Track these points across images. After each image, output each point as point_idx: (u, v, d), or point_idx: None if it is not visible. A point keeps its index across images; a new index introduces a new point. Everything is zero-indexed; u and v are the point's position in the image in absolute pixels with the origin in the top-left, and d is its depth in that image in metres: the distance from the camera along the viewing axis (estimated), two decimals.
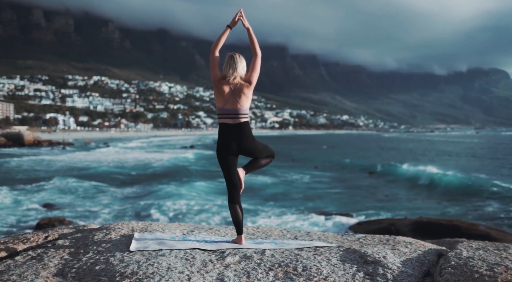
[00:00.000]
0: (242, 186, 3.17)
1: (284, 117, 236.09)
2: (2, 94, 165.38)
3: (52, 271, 2.60)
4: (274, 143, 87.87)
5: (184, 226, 3.81)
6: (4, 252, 3.08)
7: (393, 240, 3.36)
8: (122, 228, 3.57)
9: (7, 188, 20.94)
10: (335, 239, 3.38)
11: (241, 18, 3.19)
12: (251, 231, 3.69)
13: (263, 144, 3.24)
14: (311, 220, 14.66)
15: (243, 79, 3.15)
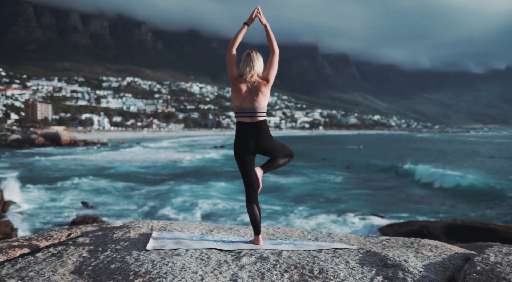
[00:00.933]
0: (260, 186, 3.13)
1: (314, 117, 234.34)
2: (42, 96, 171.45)
3: (69, 269, 2.64)
4: (304, 143, 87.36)
5: (204, 225, 3.80)
6: (27, 249, 3.13)
7: (418, 243, 3.23)
8: (142, 226, 3.58)
9: (45, 185, 21.74)
10: (357, 241, 3.29)
11: (258, 15, 3.14)
12: (271, 231, 3.64)
13: (281, 143, 3.19)
14: (341, 221, 14.50)
15: (261, 77, 3.10)
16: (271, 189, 21.69)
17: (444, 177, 24.30)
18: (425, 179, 25.24)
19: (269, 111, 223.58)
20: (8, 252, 3.04)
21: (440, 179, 24.05)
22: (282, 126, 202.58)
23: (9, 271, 2.64)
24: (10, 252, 3.05)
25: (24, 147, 60.64)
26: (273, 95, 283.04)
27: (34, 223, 14.32)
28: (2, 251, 3.04)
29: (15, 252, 3.07)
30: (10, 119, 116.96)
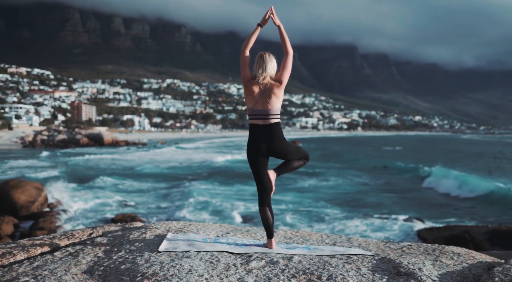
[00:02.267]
0: (272, 189, 3.10)
1: (352, 118, 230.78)
2: (86, 98, 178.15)
3: (82, 268, 2.68)
4: (341, 144, 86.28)
5: (223, 227, 3.81)
6: (48, 247, 3.21)
7: (440, 250, 3.12)
8: (159, 227, 3.61)
9: (87, 184, 22.61)
10: (376, 247, 3.22)
11: (272, 16, 3.11)
12: (289, 235, 3.60)
13: (295, 146, 3.14)
14: (376, 225, 14.19)
15: (274, 78, 3.06)
16: (307, 190, 21.59)
17: (479, 184, 23.29)
18: (453, 184, 24.18)
19: (307, 112, 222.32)
20: (29, 250, 3.11)
21: (474, 185, 23.07)
22: (320, 127, 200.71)
23: (26, 269, 2.71)
24: (31, 250, 3.12)
25: (69, 147, 63.25)
26: (311, 96, 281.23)
27: (76, 221, 14.88)
28: (24, 249, 3.12)
29: (35, 250, 3.13)
30: (57, 120, 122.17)
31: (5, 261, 2.92)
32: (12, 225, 13.16)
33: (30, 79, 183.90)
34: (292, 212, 16.21)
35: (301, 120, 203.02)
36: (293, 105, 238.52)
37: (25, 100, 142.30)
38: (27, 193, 15.61)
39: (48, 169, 30.50)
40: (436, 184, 24.61)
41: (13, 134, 74.44)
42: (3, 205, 14.84)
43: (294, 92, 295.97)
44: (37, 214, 14.55)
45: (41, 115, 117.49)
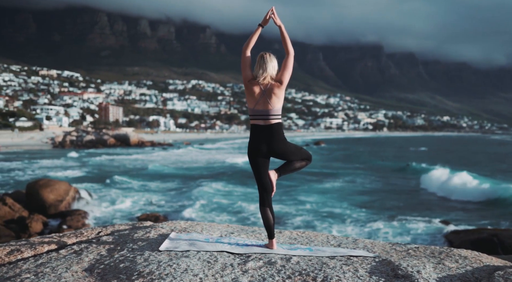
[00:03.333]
0: (273, 189, 3.08)
1: (378, 119, 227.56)
2: (113, 99, 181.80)
3: (83, 266, 2.73)
4: (365, 144, 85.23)
5: (229, 227, 3.83)
6: (55, 245, 3.28)
7: (447, 253, 3.07)
8: (164, 227, 3.64)
9: (113, 184, 23.11)
10: (381, 248, 3.18)
11: (272, 16, 3.10)
12: (294, 235, 3.59)
13: (297, 146, 3.13)
14: (400, 227, 13.96)
15: (274, 79, 3.05)
16: (331, 191, 21.43)
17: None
18: (482, 186, 23.48)
19: (332, 113, 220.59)
20: (37, 248, 3.17)
21: (503, 190, 22.35)
22: (345, 128, 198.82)
23: (30, 266, 2.77)
24: (38, 247, 3.18)
25: (97, 147, 64.78)
26: (336, 96, 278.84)
27: (101, 219, 15.23)
28: (32, 247, 3.19)
29: (42, 248, 3.20)
30: (85, 121, 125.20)
31: (13, 258, 2.99)
32: (41, 223, 13.59)
33: (60, 81, 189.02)
34: (314, 213, 16.16)
35: (325, 120, 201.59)
36: (318, 106, 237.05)
37: (56, 101, 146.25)
38: (55, 192, 16.09)
39: (76, 168, 31.33)
40: (463, 186, 24.06)
41: (44, 135, 76.77)
42: (33, 204, 15.36)
43: (319, 92, 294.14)
44: (64, 213, 14.92)
45: (70, 117, 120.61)
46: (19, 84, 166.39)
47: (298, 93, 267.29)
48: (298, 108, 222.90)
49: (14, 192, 17.25)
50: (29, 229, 12.98)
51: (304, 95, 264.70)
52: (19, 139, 68.13)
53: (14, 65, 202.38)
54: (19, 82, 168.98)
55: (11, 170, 30.19)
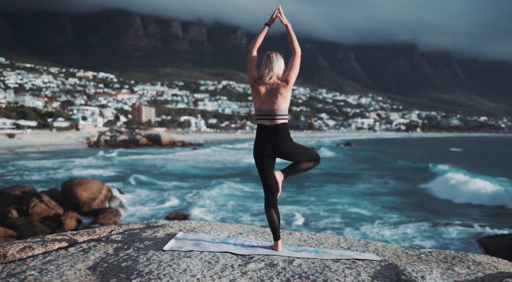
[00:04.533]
0: (279, 190, 3.03)
1: (411, 119, 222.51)
2: (146, 100, 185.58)
3: (88, 264, 2.75)
4: (397, 145, 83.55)
5: (240, 227, 3.80)
6: (66, 243, 3.32)
7: (461, 258, 2.94)
8: (173, 226, 3.65)
9: (145, 182, 23.65)
10: (392, 252, 3.09)
11: (279, 15, 3.07)
12: (305, 237, 3.54)
13: (304, 147, 3.07)
14: (431, 232, 13.60)
15: (280, 78, 3.01)
16: (363, 193, 21.15)
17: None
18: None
19: (363, 113, 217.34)
20: (48, 245, 3.22)
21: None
22: (376, 128, 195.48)
23: (37, 263, 2.82)
24: (49, 245, 3.23)
25: (129, 147, 66.39)
26: (367, 96, 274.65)
27: (132, 217, 15.58)
28: (44, 244, 3.24)
29: (53, 245, 3.24)
30: (119, 122, 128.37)
31: (24, 255, 3.04)
32: (75, 221, 14.03)
33: (96, 82, 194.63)
34: (342, 214, 16.01)
35: (356, 121, 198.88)
36: (349, 106, 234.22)
37: (91, 102, 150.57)
38: (89, 190, 16.58)
39: (109, 167, 32.23)
40: (498, 189, 23.27)
41: (80, 135, 79.25)
42: (67, 201, 15.89)
43: (350, 92, 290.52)
44: (97, 211, 15.33)
45: (105, 117, 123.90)
46: (57, 86, 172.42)
47: (329, 93, 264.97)
48: (329, 108, 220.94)
49: (50, 190, 17.91)
50: (64, 225, 13.41)
51: (335, 95, 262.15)
52: (57, 139, 70.63)
53: (53, 68, 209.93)
54: (57, 84, 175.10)
55: (48, 168, 31.38)
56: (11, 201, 16.16)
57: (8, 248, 3.14)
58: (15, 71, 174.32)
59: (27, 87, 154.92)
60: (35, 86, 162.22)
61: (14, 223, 13.25)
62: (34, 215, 14.15)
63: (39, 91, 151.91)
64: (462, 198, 20.14)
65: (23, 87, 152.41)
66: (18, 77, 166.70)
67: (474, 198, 20.03)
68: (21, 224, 13.12)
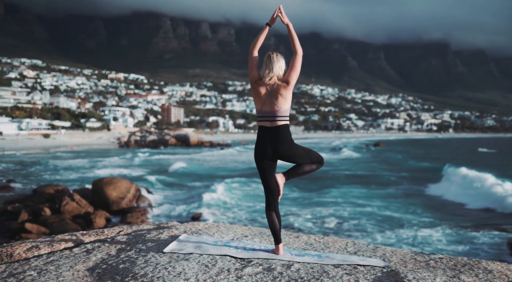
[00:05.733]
0: (280, 193, 2.98)
1: (443, 119, 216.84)
2: (175, 100, 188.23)
3: (88, 265, 2.76)
4: (427, 146, 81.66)
5: (249, 229, 3.77)
6: (72, 243, 3.34)
7: (472, 265, 2.83)
8: (179, 228, 3.64)
9: (174, 182, 23.98)
10: (399, 258, 2.99)
11: (280, 15, 3.02)
12: (312, 241, 3.47)
13: (306, 149, 2.99)
14: (459, 236, 13.25)
15: (281, 79, 2.96)
16: (394, 195, 20.76)
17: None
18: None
19: (393, 113, 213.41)
20: (54, 245, 3.25)
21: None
22: (407, 129, 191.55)
23: (39, 263, 2.84)
24: (55, 245, 3.26)
25: (158, 147, 67.57)
26: (397, 96, 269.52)
27: (160, 217, 15.73)
28: (51, 244, 3.27)
29: (59, 245, 3.27)
30: (149, 122, 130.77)
31: (29, 254, 3.08)
32: (104, 219, 14.37)
33: (127, 83, 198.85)
34: (369, 217, 15.80)
35: (386, 121, 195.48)
36: (378, 106, 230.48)
37: (122, 103, 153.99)
38: (118, 189, 17.00)
39: (138, 167, 32.92)
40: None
41: (111, 135, 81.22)
42: (97, 200, 16.33)
43: (380, 92, 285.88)
44: (126, 210, 15.66)
45: (135, 117, 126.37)
46: (90, 87, 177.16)
47: (358, 93, 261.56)
48: (357, 109, 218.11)
49: (81, 189, 18.49)
50: (93, 224, 13.72)
51: (364, 95, 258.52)
52: (89, 139, 72.65)
53: (86, 69, 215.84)
54: (90, 86, 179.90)
55: (80, 167, 32.35)
56: (45, 199, 16.80)
57: (16, 247, 3.19)
58: (51, 73, 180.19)
59: (62, 89, 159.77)
60: (69, 88, 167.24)
61: (47, 220, 13.72)
62: (65, 213, 14.62)
63: (73, 93, 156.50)
64: (491, 202, 19.54)
65: (58, 89, 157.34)
66: (54, 79, 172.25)
67: (502, 202, 19.42)
68: (53, 222, 13.58)
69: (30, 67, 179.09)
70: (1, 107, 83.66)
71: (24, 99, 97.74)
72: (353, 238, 12.75)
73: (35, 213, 14.46)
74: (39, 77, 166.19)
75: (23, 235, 12.35)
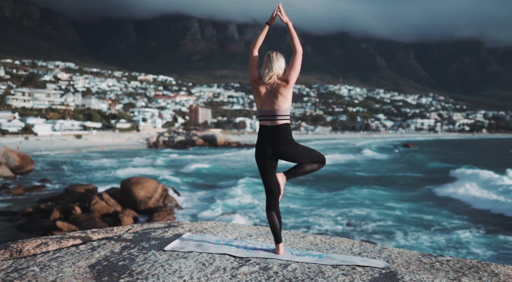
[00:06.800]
0: (280, 192, 2.97)
1: (476, 119, 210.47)
2: (203, 101, 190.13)
3: (90, 262, 2.80)
4: (460, 147, 79.53)
5: (256, 229, 3.77)
6: (80, 240, 3.39)
7: (478, 268, 2.75)
8: (184, 227, 3.67)
9: (200, 182, 24.26)
10: (405, 260, 2.93)
11: (279, 13, 3.01)
12: (317, 241, 3.44)
13: (308, 149, 2.98)
14: (490, 239, 12.96)
15: (281, 78, 2.95)
16: (427, 197, 20.37)
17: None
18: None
19: (423, 113, 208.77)
20: (62, 242, 3.30)
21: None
22: (438, 129, 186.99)
23: (44, 259, 2.90)
24: (63, 242, 3.31)
25: (186, 147, 68.44)
26: (428, 96, 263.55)
27: (186, 216, 15.96)
28: (59, 241, 3.33)
29: (68, 242, 3.32)
30: (177, 123, 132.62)
31: (38, 251, 3.14)
32: (132, 218, 14.68)
33: (156, 85, 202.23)
34: (397, 219, 15.58)
35: (416, 121, 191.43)
36: (408, 106, 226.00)
37: (151, 104, 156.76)
38: (145, 189, 17.37)
39: (166, 168, 33.48)
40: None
41: (140, 136, 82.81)
42: (125, 199, 16.73)
43: (409, 92, 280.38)
44: (153, 209, 15.97)
45: (163, 118, 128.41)
46: (120, 89, 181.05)
47: (387, 93, 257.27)
48: (386, 109, 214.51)
49: (110, 188, 19.00)
50: (121, 223, 13.97)
51: (393, 95, 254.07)
52: (119, 139, 74.30)
53: (117, 72, 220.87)
54: (121, 87, 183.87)
55: (109, 167, 33.18)
56: (76, 198, 17.36)
57: (26, 243, 3.26)
58: (83, 75, 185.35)
59: (94, 91, 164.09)
60: (101, 89, 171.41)
61: (77, 219, 14.15)
62: (95, 211, 15.05)
63: (104, 95, 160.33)
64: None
65: (90, 90, 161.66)
66: (86, 81, 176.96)
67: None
68: (83, 220, 14.01)
69: (63, 70, 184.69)
70: (37, 109, 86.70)
71: (58, 101, 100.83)
72: (358, 239, 12.67)
73: (66, 212, 14.91)
74: (72, 80, 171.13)
75: (55, 232, 12.83)
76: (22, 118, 72.14)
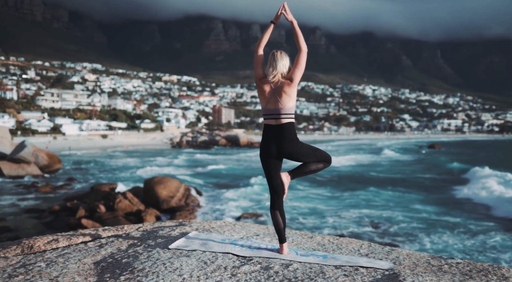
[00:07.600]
0: (285, 192, 2.96)
1: (506, 120, 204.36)
2: (226, 102, 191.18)
3: (95, 259, 2.83)
4: (490, 148, 77.47)
5: (266, 229, 3.76)
6: (89, 237, 3.44)
7: (488, 271, 2.67)
8: (192, 226, 3.68)
9: (222, 182, 24.38)
10: (412, 261, 2.88)
11: (284, 12, 3.02)
12: (325, 242, 3.42)
13: (313, 148, 2.95)
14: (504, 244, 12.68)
15: (285, 77, 2.95)
16: (455, 201, 19.90)
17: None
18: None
19: (450, 114, 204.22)
20: (72, 239, 3.35)
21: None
22: (465, 130, 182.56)
23: (52, 255, 2.95)
24: (74, 239, 3.36)
25: (209, 148, 68.97)
26: (455, 96, 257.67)
27: (208, 215, 16.02)
28: (70, 238, 3.38)
29: (77, 239, 3.36)
30: (200, 123, 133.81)
31: (48, 247, 3.20)
32: (154, 217, 14.92)
33: (180, 85, 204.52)
34: (422, 221, 15.33)
35: (443, 122, 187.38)
36: (434, 106, 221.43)
37: (175, 105, 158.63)
38: (168, 188, 17.65)
39: (188, 167, 33.88)
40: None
41: (164, 136, 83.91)
42: (148, 199, 17.04)
43: (436, 92, 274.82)
44: (175, 208, 16.18)
45: (187, 119, 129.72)
46: (145, 90, 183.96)
47: (412, 93, 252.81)
48: (412, 109, 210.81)
49: (133, 188, 19.38)
50: (144, 221, 14.45)
51: (419, 95, 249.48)
52: (143, 139, 75.48)
53: (142, 72, 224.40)
54: (146, 88, 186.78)
55: (133, 166, 33.78)
56: (101, 196, 17.79)
57: (37, 240, 3.33)
58: (110, 76, 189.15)
59: (119, 92, 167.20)
60: (126, 90, 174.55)
61: (101, 217, 14.49)
62: (119, 210, 15.38)
63: (129, 95, 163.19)
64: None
65: (115, 91, 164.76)
66: (112, 82, 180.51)
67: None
68: (107, 218, 14.34)
69: (90, 71, 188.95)
70: (65, 110, 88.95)
71: (85, 102, 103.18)
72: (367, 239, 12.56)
73: (91, 210, 15.29)
74: (98, 81, 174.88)
75: (79, 230, 13.20)
76: (51, 118, 74.06)
